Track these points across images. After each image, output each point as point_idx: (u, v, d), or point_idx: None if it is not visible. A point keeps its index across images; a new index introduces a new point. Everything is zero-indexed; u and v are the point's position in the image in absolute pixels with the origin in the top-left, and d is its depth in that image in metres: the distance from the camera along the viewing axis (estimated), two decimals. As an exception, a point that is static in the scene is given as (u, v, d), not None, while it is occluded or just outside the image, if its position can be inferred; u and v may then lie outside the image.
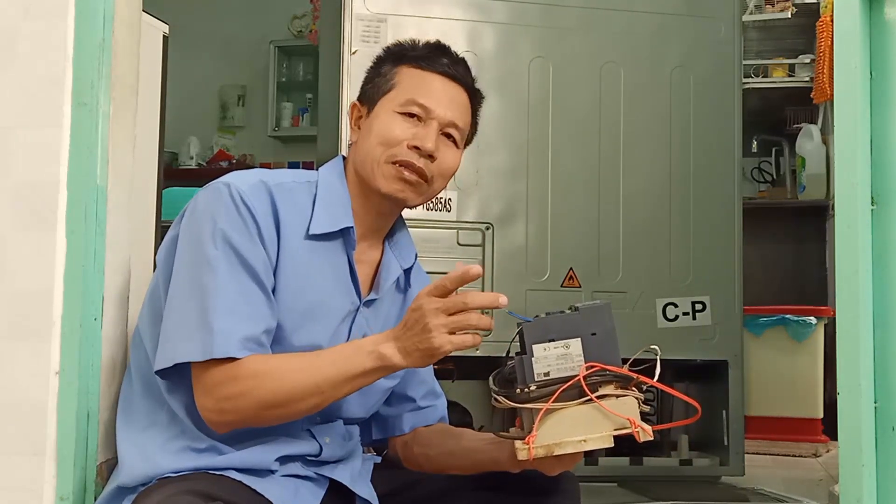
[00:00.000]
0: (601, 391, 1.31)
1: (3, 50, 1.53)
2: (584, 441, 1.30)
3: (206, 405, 1.36)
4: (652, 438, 1.32)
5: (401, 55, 1.55)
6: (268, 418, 1.39)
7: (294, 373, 1.35)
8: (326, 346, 1.46)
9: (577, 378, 1.30)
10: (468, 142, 1.60)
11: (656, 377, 1.33)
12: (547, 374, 1.31)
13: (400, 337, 1.33)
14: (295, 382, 1.35)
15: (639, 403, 1.33)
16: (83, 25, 1.53)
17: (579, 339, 1.32)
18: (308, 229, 1.46)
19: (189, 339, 1.35)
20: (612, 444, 1.31)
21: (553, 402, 1.29)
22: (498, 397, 1.35)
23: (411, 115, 1.50)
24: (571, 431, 1.30)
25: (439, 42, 1.57)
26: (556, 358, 1.32)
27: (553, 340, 1.32)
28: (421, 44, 1.56)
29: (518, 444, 1.31)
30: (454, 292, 1.30)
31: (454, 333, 1.29)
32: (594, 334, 1.33)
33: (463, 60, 1.57)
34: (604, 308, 1.35)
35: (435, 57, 1.53)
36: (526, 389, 1.31)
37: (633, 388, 1.33)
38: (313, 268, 1.46)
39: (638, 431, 1.30)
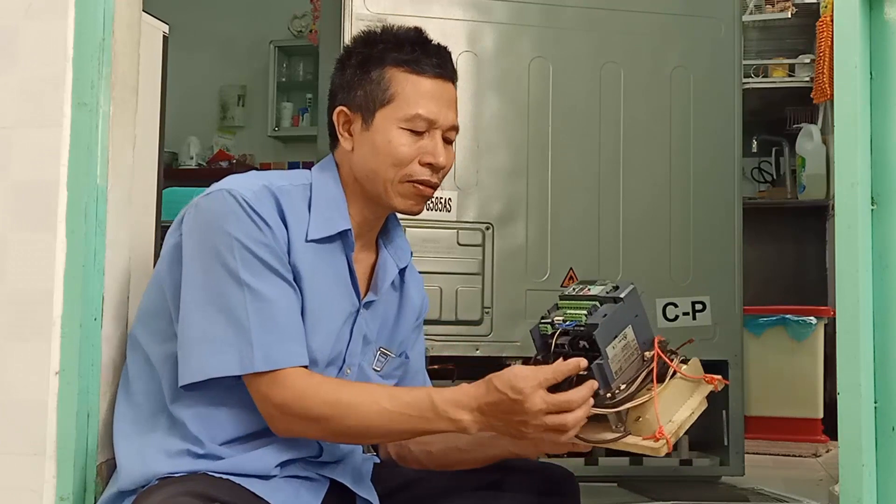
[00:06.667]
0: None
1: (3, 50, 1.53)
2: (692, 413, 1.35)
3: (273, 415, 1.38)
4: (728, 383, 1.41)
5: (383, 55, 1.51)
6: (326, 439, 1.43)
7: (371, 414, 1.34)
8: (329, 350, 1.46)
9: (662, 365, 1.35)
10: None
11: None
12: (620, 368, 1.34)
13: (487, 413, 1.31)
14: (370, 424, 1.35)
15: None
16: (83, 25, 1.53)
17: (630, 325, 1.37)
18: (307, 234, 1.45)
19: (223, 352, 1.35)
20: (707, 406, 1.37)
21: (654, 387, 1.33)
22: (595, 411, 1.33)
23: (415, 129, 1.48)
24: (676, 409, 1.35)
25: (418, 33, 1.54)
26: (622, 350, 1.35)
27: (615, 337, 1.35)
28: (399, 32, 1.53)
29: (649, 443, 1.31)
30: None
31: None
32: (637, 316, 1.38)
33: (444, 51, 1.54)
34: (635, 290, 1.40)
35: (423, 58, 1.50)
36: (616, 392, 1.32)
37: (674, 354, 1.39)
38: (317, 271, 1.45)
39: (717, 384, 1.38)
